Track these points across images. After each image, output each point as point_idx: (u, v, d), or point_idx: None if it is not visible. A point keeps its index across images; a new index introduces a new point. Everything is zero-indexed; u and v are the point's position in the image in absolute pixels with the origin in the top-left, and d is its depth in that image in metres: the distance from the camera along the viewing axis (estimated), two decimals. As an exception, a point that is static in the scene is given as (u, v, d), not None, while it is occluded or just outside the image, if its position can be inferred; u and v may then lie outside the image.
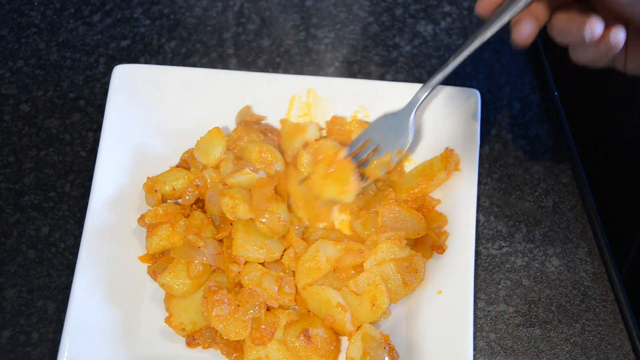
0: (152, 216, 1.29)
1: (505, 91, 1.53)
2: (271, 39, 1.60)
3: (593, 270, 1.36)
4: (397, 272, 1.23)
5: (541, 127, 1.49)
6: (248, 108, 1.41)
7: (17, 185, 1.43)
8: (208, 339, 1.24)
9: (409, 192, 1.34)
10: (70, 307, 1.21)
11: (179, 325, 1.23)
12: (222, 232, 1.26)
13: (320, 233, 1.31)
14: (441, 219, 1.31)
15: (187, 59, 1.57)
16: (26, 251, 1.37)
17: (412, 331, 1.25)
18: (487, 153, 1.47)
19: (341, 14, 1.63)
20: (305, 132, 1.38)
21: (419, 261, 1.24)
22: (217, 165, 1.32)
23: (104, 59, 1.58)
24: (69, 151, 1.47)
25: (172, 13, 1.64)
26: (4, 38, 1.61)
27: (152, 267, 1.28)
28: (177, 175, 1.33)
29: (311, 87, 1.41)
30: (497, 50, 1.58)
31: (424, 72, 1.56)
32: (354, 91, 1.41)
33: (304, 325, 1.21)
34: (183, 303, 1.24)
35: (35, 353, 1.28)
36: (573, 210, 1.41)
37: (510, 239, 1.39)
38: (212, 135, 1.33)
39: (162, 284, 1.23)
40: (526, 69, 1.55)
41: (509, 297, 1.33)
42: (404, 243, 1.26)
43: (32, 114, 1.51)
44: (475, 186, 1.30)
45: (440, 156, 1.35)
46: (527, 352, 1.29)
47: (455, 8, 1.64)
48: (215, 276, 1.27)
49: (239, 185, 1.28)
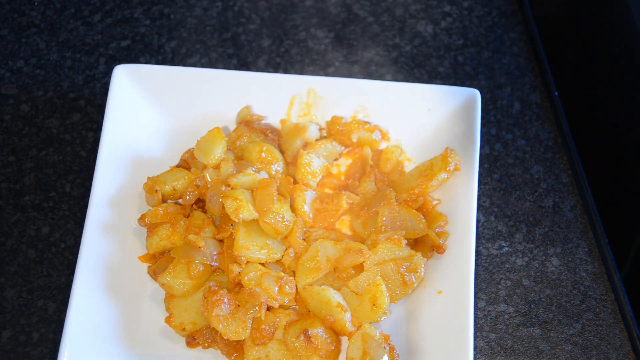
0: (152, 216, 1.29)
1: (505, 91, 1.53)
2: (271, 39, 1.60)
3: (593, 270, 1.36)
4: (397, 272, 1.23)
5: (541, 127, 1.49)
6: (248, 108, 1.41)
7: (17, 185, 1.43)
8: (208, 339, 1.24)
9: (409, 192, 1.34)
10: (70, 307, 1.20)
11: (179, 325, 1.23)
12: (222, 232, 1.26)
13: (320, 233, 1.31)
14: (441, 219, 1.31)
15: (187, 59, 1.58)
16: (26, 251, 1.37)
17: (412, 331, 1.25)
18: (487, 153, 1.47)
19: (341, 14, 1.63)
20: (305, 132, 1.38)
21: (419, 261, 1.24)
22: (218, 165, 1.32)
23: (104, 59, 1.58)
24: (69, 151, 1.47)
25: (172, 13, 1.64)
26: (4, 38, 1.61)
27: (152, 267, 1.28)
28: (178, 175, 1.33)
29: (311, 87, 1.41)
30: (497, 50, 1.58)
31: (424, 72, 1.56)
32: (354, 91, 1.41)
33: (304, 325, 1.21)
34: (183, 303, 1.24)
35: (35, 353, 1.28)
36: (573, 210, 1.41)
37: (510, 239, 1.39)
38: (212, 135, 1.33)
39: (162, 283, 1.23)
40: (526, 69, 1.55)
41: (509, 297, 1.33)
42: (404, 243, 1.26)
43: (32, 114, 1.51)
44: (475, 186, 1.30)
45: (440, 156, 1.35)
46: (527, 352, 1.29)
47: (455, 8, 1.64)
48: (215, 276, 1.27)
49: (242, 186, 1.28)
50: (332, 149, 1.39)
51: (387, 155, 1.39)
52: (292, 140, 1.38)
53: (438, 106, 1.39)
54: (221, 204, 1.26)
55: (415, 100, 1.39)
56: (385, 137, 1.42)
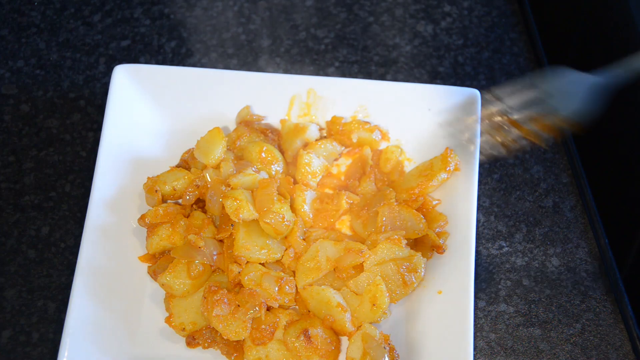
0: (152, 216, 1.29)
1: (505, 91, 1.53)
2: (271, 39, 1.60)
3: (593, 270, 1.36)
4: (397, 272, 1.23)
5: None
6: (248, 108, 1.41)
7: (17, 185, 1.43)
8: (208, 339, 1.24)
9: (409, 192, 1.34)
10: (70, 307, 1.20)
11: (179, 325, 1.23)
12: (222, 233, 1.26)
13: (320, 233, 1.31)
14: (441, 219, 1.31)
15: (187, 59, 1.58)
16: (26, 251, 1.37)
17: (412, 331, 1.25)
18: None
19: (341, 14, 1.63)
20: (305, 132, 1.38)
21: (419, 261, 1.24)
22: (218, 165, 1.32)
23: (104, 59, 1.58)
24: (69, 151, 1.47)
25: (172, 13, 1.64)
26: (4, 38, 1.61)
27: (152, 267, 1.28)
28: (178, 176, 1.33)
29: (311, 87, 1.41)
30: (497, 50, 1.58)
31: (424, 72, 1.56)
32: (354, 91, 1.41)
33: (304, 325, 1.21)
34: (183, 303, 1.24)
35: (35, 353, 1.28)
36: (573, 210, 1.41)
37: (510, 239, 1.39)
38: (212, 135, 1.33)
39: (162, 283, 1.23)
40: (526, 69, 1.55)
41: (509, 297, 1.33)
42: (404, 243, 1.26)
43: (32, 114, 1.51)
44: (475, 186, 1.30)
45: (440, 156, 1.35)
46: (527, 352, 1.29)
47: (455, 8, 1.64)
48: (215, 276, 1.27)
49: (242, 186, 1.28)
50: (332, 149, 1.39)
51: (387, 155, 1.39)
52: (292, 140, 1.38)
53: (438, 106, 1.39)
54: (221, 204, 1.26)
55: (415, 100, 1.39)
56: (385, 137, 1.42)
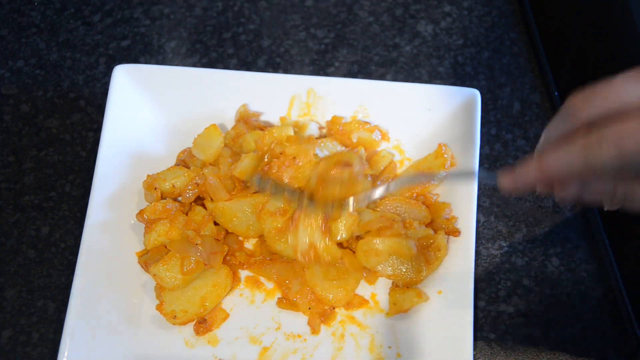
0: (150, 212, 1.29)
1: (505, 91, 1.53)
2: (271, 39, 1.60)
3: (593, 270, 1.36)
4: (419, 250, 1.25)
5: (541, 127, 1.49)
6: (245, 106, 1.41)
7: (17, 185, 1.43)
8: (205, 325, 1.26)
9: (411, 191, 1.34)
10: (70, 307, 1.21)
11: (170, 312, 1.23)
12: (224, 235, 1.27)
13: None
14: (446, 207, 1.31)
15: (187, 59, 1.58)
16: (26, 251, 1.37)
17: (412, 331, 1.25)
18: (487, 153, 1.47)
19: (341, 14, 1.63)
20: (305, 130, 1.38)
21: (441, 239, 1.26)
22: (216, 160, 1.33)
23: (104, 59, 1.58)
24: (69, 151, 1.47)
25: (172, 13, 1.64)
26: (4, 38, 1.61)
27: (144, 258, 1.28)
28: (177, 173, 1.33)
29: (311, 87, 1.41)
30: (497, 50, 1.58)
31: (424, 72, 1.56)
32: (354, 91, 1.41)
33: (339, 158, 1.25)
34: (175, 292, 1.25)
35: (35, 353, 1.28)
36: (573, 210, 1.41)
37: (510, 239, 1.39)
38: (209, 132, 1.34)
39: (153, 274, 1.23)
40: (526, 69, 1.55)
41: (509, 297, 1.33)
42: (416, 223, 1.26)
43: (32, 114, 1.51)
44: (475, 186, 1.30)
45: (434, 153, 1.35)
46: (527, 352, 1.29)
47: (455, 8, 1.64)
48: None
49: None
50: (332, 147, 1.39)
51: (378, 159, 1.38)
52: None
53: (438, 106, 1.39)
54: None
55: (415, 100, 1.39)
56: (385, 137, 1.42)
